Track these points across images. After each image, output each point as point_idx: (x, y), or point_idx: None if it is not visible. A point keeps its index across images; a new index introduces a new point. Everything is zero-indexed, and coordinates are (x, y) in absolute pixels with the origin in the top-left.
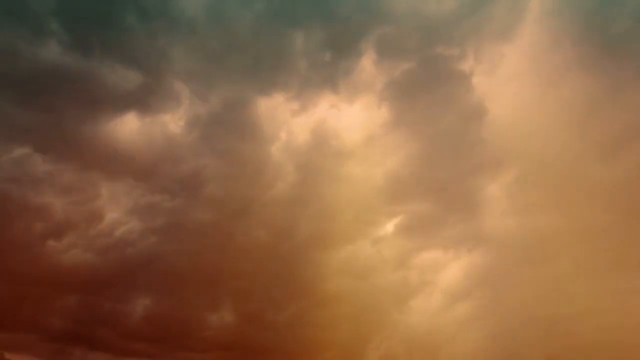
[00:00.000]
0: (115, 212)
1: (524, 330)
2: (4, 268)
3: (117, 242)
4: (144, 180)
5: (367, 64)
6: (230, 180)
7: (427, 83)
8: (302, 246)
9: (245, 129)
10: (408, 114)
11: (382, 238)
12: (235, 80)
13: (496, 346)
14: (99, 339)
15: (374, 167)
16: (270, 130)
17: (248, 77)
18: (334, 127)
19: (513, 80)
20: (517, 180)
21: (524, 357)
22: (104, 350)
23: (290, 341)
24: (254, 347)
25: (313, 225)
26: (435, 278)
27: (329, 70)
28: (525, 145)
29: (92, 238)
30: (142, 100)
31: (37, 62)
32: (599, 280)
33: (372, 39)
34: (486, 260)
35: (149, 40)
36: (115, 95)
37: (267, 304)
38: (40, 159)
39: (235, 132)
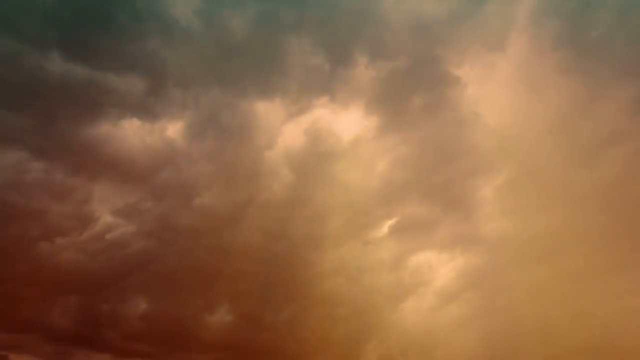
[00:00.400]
0: (113, 214)
1: (520, 331)
2: (4, 270)
3: (115, 244)
4: (140, 184)
5: (362, 68)
6: (228, 184)
7: (422, 88)
8: (301, 247)
9: (242, 133)
10: (402, 118)
11: (378, 240)
12: (231, 85)
13: (493, 347)
14: (99, 339)
15: (369, 170)
16: (267, 134)
17: (244, 82)
18: (330, 131)
19: (503, 87)
20: (510, 183)
21: (522, 358)
22: (103, 351)
23: (289, 341)
24: (254, 347)
25: (312, 227)
26: (432, 279)
27: (325, 74)
28: (516, 149)
29: (92, 240)
30: (139, 105)
31: (34, 68)
32: (593, 282)
33: (367, 43)
34: (482, 261)
35: (143, 44)
36: (112, 100)
37: (266, 305)
38: (36, 163)
39: (232, 136)
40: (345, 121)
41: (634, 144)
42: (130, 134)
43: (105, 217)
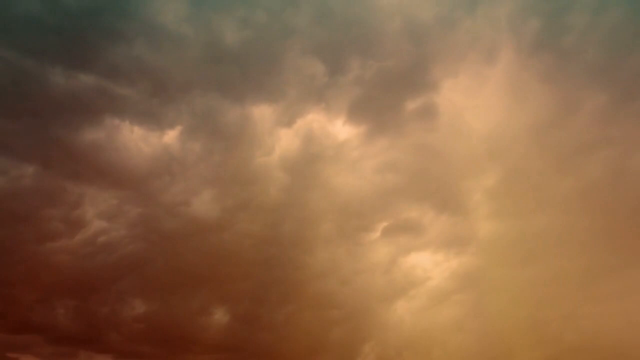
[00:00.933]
0: (110, 217)
1: (514, 331)
2: (4, 272)
3: (111, 247)
4: (139, 188)
5: (355, 73)
6: (223, 188)
7: (414, 93)
8: (299, 249)
9: (238, 138)
10: (395, 124)
11: (374, 242)
12: (225, 91)
13: (488, 347)
14: (102, 341)
15: (362, 173)
16: (262, 139)
17: (239, 87)
18: (323, 135)
19: (490, 96)
20: (500, 186)
21: (516, 358)
22: (104, 352)
23: (287, 343)
24: (252, 349)
25: (309, 229)
26: (426, 280)
27: (319, 80)
28: (504, 156)
29: (87, 244)
30: (135, 111)
31: (33, 74)
32: (582, 283)
33: (361, 49)
34: (475, 263)
35: (139, 51)
36: (107, 107)
37: (264, 307)
38: (30, 167)
39: (227, 141)
40: (339, 125)
41: (616, 148)
42: (126, 139)
43: (101, 222)
